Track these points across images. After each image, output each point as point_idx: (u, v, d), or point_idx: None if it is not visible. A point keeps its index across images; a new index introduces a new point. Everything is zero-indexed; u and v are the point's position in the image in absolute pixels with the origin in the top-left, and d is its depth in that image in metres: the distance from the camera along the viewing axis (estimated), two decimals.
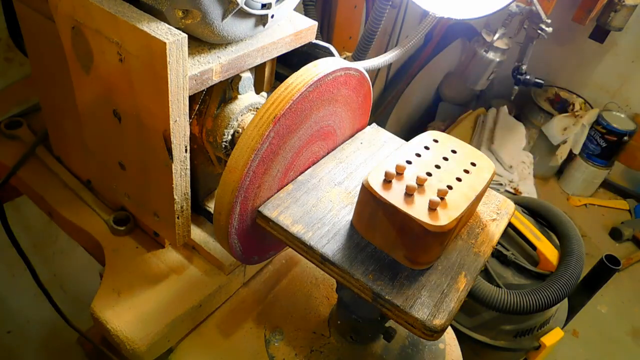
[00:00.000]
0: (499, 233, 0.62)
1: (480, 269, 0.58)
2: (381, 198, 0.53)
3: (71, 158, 0.87)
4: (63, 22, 0.60)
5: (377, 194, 0.53)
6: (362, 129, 0.76)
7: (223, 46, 0.61)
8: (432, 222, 0.51)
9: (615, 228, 2.61)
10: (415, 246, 0.54)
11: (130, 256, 0.77)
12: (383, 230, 0.55)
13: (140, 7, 0.54)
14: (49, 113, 0.85)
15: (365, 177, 0.55)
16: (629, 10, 2.07)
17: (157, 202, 0.68)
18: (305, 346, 0.74)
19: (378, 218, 0.55)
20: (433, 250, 0.55)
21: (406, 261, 0.55)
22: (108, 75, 0.59)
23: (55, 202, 0.84)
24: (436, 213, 0.52)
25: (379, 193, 0.53)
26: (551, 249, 1.44)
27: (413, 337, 0.78)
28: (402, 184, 0.54)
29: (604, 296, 2.26)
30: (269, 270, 0.84)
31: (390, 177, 0.54)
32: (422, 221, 0.51)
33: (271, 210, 0.60)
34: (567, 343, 2.07)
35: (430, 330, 0.51)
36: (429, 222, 0.51)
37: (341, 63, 0.62)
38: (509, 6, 1.74)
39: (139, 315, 0.69)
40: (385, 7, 1.11)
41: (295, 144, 0.62)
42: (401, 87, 2.13)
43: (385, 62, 1.09)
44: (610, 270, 1.46)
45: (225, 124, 0.67)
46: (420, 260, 0.55)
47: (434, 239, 0.52)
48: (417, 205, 0.53)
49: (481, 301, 1.27)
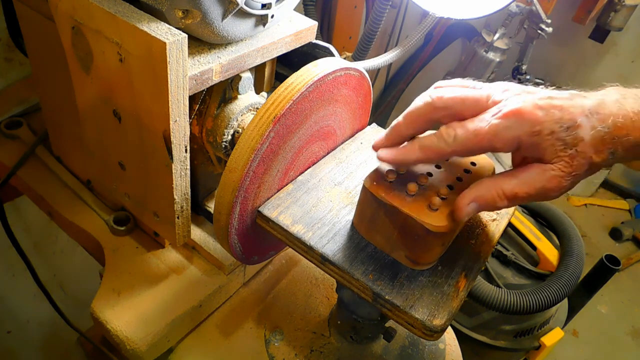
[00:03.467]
0: (499, 233, 0.62)
1: (480, 269, 0.58)
2: (382, 199, 0.53)
3: (71, 158, 0.87)
4: (63, 22, 0.60)
5: (379, 195, 0.53)
6: (362, 129, 0.76)
7: (223, 46, 0.61)
8: (434, 222, 0.51)
9: (615, 228, 2.61)
10: (417, 246, 0.54)
11: (130, 256, 0.77)
12: (384, 231, 0.55)
13: (140, 7, 0.54)
14: (49, 113, 0.85)
15: (366, 178, 0.55)
16: (629, 10, 2.07)
17: (157, 202, 0.68)
18: (305, 346, 0.74)
19: (379, 219, 0.55)
20: (435, 250, 0.55)
21: (408, 261, 0.55)
22: (108, 75, 0.59)
23: (55, 202, 0.84)
24: (438, 213, 0.52)
25: (380, 194, 0.53)
26: (551, 249, 1.44)
27: (413, 337, 0.78)
28: (403, 184, 0.54)
29: (604, 296, 2.26)
30: (269, 270, 0.84)
31: (391, 177, 0.54)
32: (424, 222, 0.51)
33: (271, 210, 0.61)
34: (567, 343, 2.07)
35: (430, 330, 0.51)
36: (431, 222, 0.51)
37: (341, 63, 0.62)
38: (509, 6, 1.74)
39: (139, 315, 0.69)
40: (385, 7, 1.11)
41: (295, 144, 0.62)
42: (401, 87, 2.13)
43: (385, 62, 1.09)
44: (610, 270, 1.46)
45: (225, 124, 0.67)
46: (421, 261, 0.55)
47: (436, 239, 0.52)
48: (419, 206, 0.53)
49: (481, 301, 1.27)
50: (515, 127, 0.46)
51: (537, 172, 0.47)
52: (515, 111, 0.46)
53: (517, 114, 0.46)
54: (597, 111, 0.46)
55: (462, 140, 0.48)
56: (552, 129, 0.46)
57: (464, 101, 0.49)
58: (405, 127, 0.53)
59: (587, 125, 0.46)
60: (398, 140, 0.54)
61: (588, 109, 0.46)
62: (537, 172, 0.47)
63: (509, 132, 0.46)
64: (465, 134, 0.47)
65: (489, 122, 0.46)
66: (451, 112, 0.50)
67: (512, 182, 0.48)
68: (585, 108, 0.47)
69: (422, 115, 0.51)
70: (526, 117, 0.46)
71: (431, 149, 0.50)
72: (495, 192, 0.48)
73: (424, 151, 0.50)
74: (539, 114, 0.46)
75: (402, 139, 0.54)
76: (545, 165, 0.47)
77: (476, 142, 0.47)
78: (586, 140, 0.46)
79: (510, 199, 0.48)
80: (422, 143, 0.51)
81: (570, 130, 0.46)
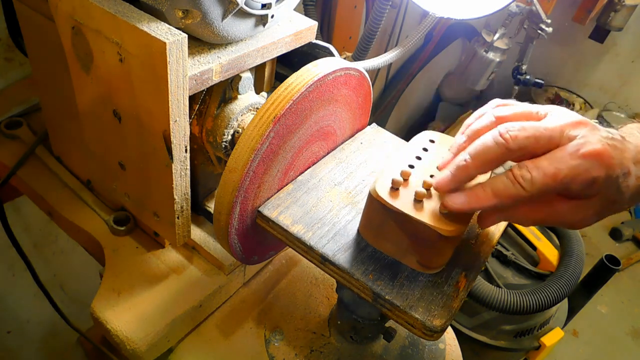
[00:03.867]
0: (499, 233, 0.62)
1: (480, 269, 0.58)
2: (392, 207, 0.52)
3: (71, 158, 0.87)
4: (63, 22, 0.60)
5: (388, 203, 0.52)
6: (362, 129, 0.76)
7: (223, 46, 0.61)
8: (446, 227, 0.51)
9: (615, 228, 2.61)
10: (429, 251, 0.54)
11: (130, 256, 0.77)
12: (394, 238, 0.55)
13: (140, 7, 0.54)
14: (49, 113, 0.85)
15: (372, 187, 0.54)
16: (629, 10, 2.07)
17: (157, 202, 0.68)
18: (305, 346, 0.74)
19: (388, 226, 0.54)
20: (447, 253, 0.55)
21: (419, 266, 0.55)
22: (108, 75, 0.59)
23: (55, 202, 0.84)
24: (448, 217, 0.52)
25: (389, 202, 0.52)
26: (551, 249, 1.44)
27: (413, 337, 0.78)
28: (409, 190, 0.54)
29: (604, 296, 2.26)
30: (269, 270, 0.84)
31: (397, 184, 0.54)
32: (436, 227, 0.51)
33: (271, 210, 0.61)
34: (567, 343, 2.07)
35: (430, 330, 0.51)
36: (443, 227, 0.51)
37: (341, 63, 0.62)
38: (509, 6, 1.74)
39: (139, 315, 0.69)
40: (385, 7, 1.11)
41: (295, 144, 0.62)
42: (401, 87, 2.13)
43: (385, 62, 1.09)
44: (610, 270, 1.46)
45: (225, 124, 0.67)
46: (433, 265, 0.55)
47: (448, 242, 0.52)
48: (428, 211, 0.52)
49: (481, 301, 1.27)
50: (595, 169, 0.44)
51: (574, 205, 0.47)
52: (595, 152, 0.44)
53: (598, 156, 0.44)
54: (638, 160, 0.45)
55: (540, 184, 0.45)
56: (618, 174, 0.45)
57: (538, 140, 0.46)
58: (475, 169, 0.49)
59: (634, 175, 0.45)
60: (466, 181, 0.51)
61: (633, 156, 0.45)
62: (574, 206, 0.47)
63: (588, 174, 0.44)
64: (543, 179, 0.45)
65: (568, 164, 0.44)
66: (524, 153, 0.47)
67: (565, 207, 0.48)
68: (631, 154, 0.45)
69: (495, 159, 0.48)
70: (605, 160, 0.44)
71: (506, 195, 0.47)
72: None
73: (498, 197, 0.47)
74: (614, 156, 0.44)
75: (470, 179, 0.51)
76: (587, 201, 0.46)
77: (554, 185, 0.45)
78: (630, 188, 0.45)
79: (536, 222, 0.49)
80: (495, 188, 0.47)
81: (625, 176, 0.45)
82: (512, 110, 0.51)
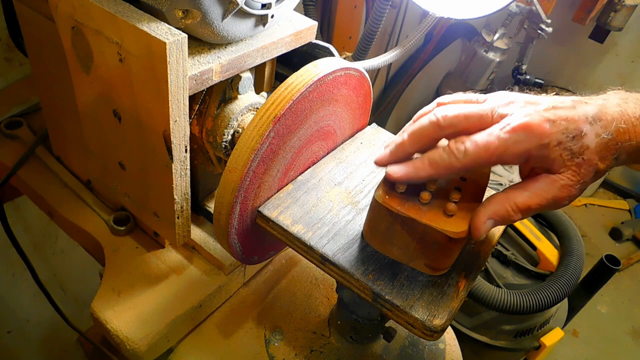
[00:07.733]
0: (499, 233, 0.62)
1: (480, 269, 0.58)
2: (399, 212, 0.52)
3: (71, 158, 0.87)
4: (63, 22, 0.60)
5: (394, 208, 0.52)
6: (362, 129, 0.76)
7: (223, 46, 0.61)
8: (455, 229, 0.51)
9: (615, 228, 2.61)
10: (438, 254, 0.53)
11: (130, 256, 0.77)
12: (401, 242, 0.55)
13: (140, 7, 0.54)
14: (49, 113, 0.85)
15: (376, 192, 0.54)
16: (629, 10, 2.07)
17: (157, 202, 0.68)
18: (305, 346, 0.74)
19: (395, 231, 0.54)
20: (454, 255, 0.55)
21: (427, 269, 0.55)
22: (108, 75, 0.59)
23: (55, 202, 0.84)
24: (455, 218, 0.52)
25: (395, 207, 0.52)
26: (551, 249, 1.44)
27: (413, 337, 0.78)
28: (414, 193, 0.54)
29: (604, 296, 2.26)
30: (269, 270, 0.84)
31: (401, 188, 0.54)
32: (445, 230, 0.51)
33: (271, 210, 0.61)
34: (567, 343, 2.07)
35: (430, 330, 0.51)
36: (451, 229, 0.51)
37: (341, 63, 0.62)
38: (509, 6, 1.74)
39: (139, 315, 0.69)
40: (385, 7, 1.11)
41: (295, 144, 0.62)
42: (401, 87, 2.13)
43: (385, 62, 1.09)
44: (610, 270, 1.46)
45: (225, 124, 0.67)
46: (442, 267, 0.55)
47: (456, 244, 0.52)
48: (435, 214, 0.52)
49: (481, 301, 1.27)
50: (524, 140, 0.46)
51: (546, 183, 0.48)
52: (523, 125, 0.46)
53: (526, 127, 0.46)
54: (599, 117, 0.47)
55: (472, 155, 0.48)
56: (559, 140, 0.46)
57: (468, 118, 0.50)
58: (410, 146, 0.53)
59: (592, 133, 0.47)
60: (402, 157, 0.54)
61: (591, 116, 0.47)
62: (547, 183, 0.48)
63: (518, 146, 0.46)
64: (475, 149, 0.47)
65: (498, 137, 0.47)
66: (456, 130, 0.50)
67: (524, 195, 0.49)
68: (588, 115, 0.47)
69: (427, 135, 0.52)
70: (534, 131, 0.46)
71: (442, 165, 0.50)
72: (509, 207, 0.49)
73: (434, 167, 0.50)
74: (546, 126, 0.46)
75: (407, 156, 0.54)
76: (554, 175, 0.48)
77: (486, 157, 0.47)
78: (591, 147, 0.47)
79: (524, 211, 0.49)
80: (432, 159, 0.50)
81: (576, 139, 0.46)
82: (452, 97, 0.54)
